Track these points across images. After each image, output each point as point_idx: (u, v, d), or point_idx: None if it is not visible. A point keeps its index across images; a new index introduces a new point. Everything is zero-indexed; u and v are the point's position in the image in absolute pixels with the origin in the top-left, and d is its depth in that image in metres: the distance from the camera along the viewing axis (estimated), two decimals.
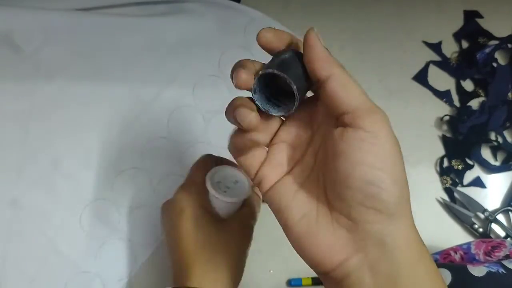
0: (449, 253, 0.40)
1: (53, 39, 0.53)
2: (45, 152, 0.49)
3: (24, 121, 0.50)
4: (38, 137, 0.50)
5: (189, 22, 0.56)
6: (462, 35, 0.58)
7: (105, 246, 0.47)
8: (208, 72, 0.54)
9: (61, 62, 0.53)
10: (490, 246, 0.39)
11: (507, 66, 0.56)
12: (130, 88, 0.53)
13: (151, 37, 0.54)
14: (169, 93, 0.53)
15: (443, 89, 0.56)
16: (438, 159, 0.53)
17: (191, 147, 0.51)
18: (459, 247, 0.40)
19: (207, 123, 0.52)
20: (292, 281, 0.47)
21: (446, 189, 0.52)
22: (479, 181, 0.52)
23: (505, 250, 0.38)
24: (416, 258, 0.25)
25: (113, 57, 0.53)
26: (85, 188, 0.49)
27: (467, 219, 0.50)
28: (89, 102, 0.52)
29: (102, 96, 0.52)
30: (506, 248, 0.38)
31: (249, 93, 0.26)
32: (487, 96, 0.55)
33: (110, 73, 0.53)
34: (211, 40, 0.55)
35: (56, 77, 0.52)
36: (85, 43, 0.53)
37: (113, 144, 0.50)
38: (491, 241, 0.40)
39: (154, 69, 0.54)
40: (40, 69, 0.52)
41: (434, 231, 0.50)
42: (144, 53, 0.54)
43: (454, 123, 0.53)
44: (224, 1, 0.57)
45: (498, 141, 0.53)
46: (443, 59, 0.57)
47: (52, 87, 0.52)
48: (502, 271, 0.36)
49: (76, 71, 0.53)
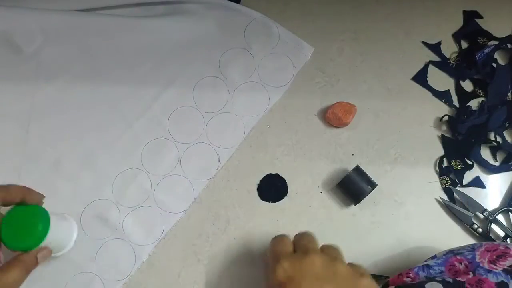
0: (454, 264, 0.40)
1: (53, 40, 0.53)
2: (46, 152, 0.49)
3: (25, 122, 0.50)
4: (39, 138, 0.50)
5: (189, 23, 0.56)
6: (462, 35, 0.58)
7: (105, 246, 0.47)
8: (208, 73, 0.54)
9: (62, 63, 0.53)
10: (494, 256, 0.39)
11: (507, 66, 0.56)
12: (130, 89, 0.53)
13: (151, 38, 0.55)
14: (169, 94, 0.53)
15: (443, 89, 0.56)
16: (437, 159, 0.53)
17: (191, 147, 0.52)
18: (463, 257, 0.40)
19: (207, 123, 0.53)
20: None
21: (446, 189, 0.52)
22: (478, 181, 0.52)
23: (511, 260, 0.38)
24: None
25: (113, 57, 0.54)
26: (85, 188, 0.49)
27: (466, 219, 0.50)
28: (89, 102, 0.52)
29: (102, 97, 0.52)
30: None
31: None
32: (487, 96, 0.55)
33: (109, 73, 0.53)
34: (211, 41, 0.56)
35: (56, 78, 0.52)
36: (85, 43, 0.54)
37: (113, 144, 0.51)
38: (496, 249, 0.39)
39: (154, 69, 0.54)
40: (40, 70, 0.52)
41: (434, 231, 0.50)
42: (144, 54, 0.54)
43: (453, 123, 0.54)
44: (224, 2, 0.57)
45: (498, 141, 0.53)
46: (443, 59, 0.57)
47: (52, 88, 0.52)
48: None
49: (76, 72, 0.53)
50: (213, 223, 0.50)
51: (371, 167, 0.51)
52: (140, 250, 0.48)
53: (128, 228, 0.48)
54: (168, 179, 0.50)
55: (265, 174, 0.52)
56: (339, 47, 0.57)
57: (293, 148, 0.53)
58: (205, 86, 0.54)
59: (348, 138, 0.53)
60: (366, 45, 0.58)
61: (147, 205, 0.49)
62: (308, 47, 0.57)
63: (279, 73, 0.55)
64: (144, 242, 0.48)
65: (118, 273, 0.47)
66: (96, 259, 0.47)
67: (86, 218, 0.48)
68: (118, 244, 0.48)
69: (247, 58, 0.55)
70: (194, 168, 0.51)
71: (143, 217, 0.49)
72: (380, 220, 0.50)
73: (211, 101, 0.53)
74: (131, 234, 0.48)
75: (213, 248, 0.49)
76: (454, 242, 0.45)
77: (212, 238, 0.49)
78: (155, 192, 0.50)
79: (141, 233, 0.48)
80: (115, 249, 0.48)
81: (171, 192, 0.50)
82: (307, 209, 0.50)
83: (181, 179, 0.50)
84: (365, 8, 0.60)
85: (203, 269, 0.48)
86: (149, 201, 0.49)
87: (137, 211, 0.49)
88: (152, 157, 0.51)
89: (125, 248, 0.48)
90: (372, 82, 0.56)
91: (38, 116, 0.51)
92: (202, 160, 0.51)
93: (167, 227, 0.49)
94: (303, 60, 0.56)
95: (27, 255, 0.39)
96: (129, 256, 0.48)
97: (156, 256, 0.48)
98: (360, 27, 0.59)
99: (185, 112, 0.53)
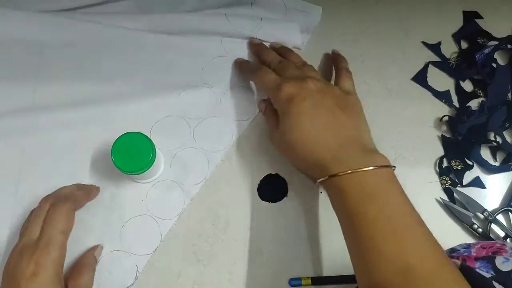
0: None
1: (53, 40, 0.53)
2: (46, 152, 0.49)
3: (25, 122, 0.50)
4: (39, 138, 0.50)
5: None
6: (462, 35, 0.58)
7: (103, 258, 0.47)
8: (193, 79, 0.54)
9: (61, 63, 0.53)
10: (490, 252, 0.39)
11: (507, 67, 0.56)
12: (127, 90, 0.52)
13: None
14: (156, 99, 0.52)
15: (443, 90, 0.56)
16: (437, 159, 0.53)
17: (180, 151, 0.51)
18: (460, 254, 0.40)
19: (193, 128, 0.52)
20: (292, 281, 0.47)
21: (446, 189, 0.52)
22: (478, 181, 0.52)
23: (505, 255, 0.38)
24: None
25: (101, 58, 0.53)
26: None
27: (466, 219, 0.50)
28: (83, 103, 0.52)
29: (94, 97, 0.52)
30: (507, 253, 0.38)
31: None
32: (487, 97, 0.55)
33: (97, 73, 0.53)
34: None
35: (56, 78, 0.52)
36: (85, 44, 0.54)
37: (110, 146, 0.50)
38: (492, 246, 0.40)
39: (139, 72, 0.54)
40: (40, 70, 0.52)
41: (434, 232, 0.50)
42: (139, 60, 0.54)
43: (453, 123, 0.54)
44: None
45: (498, 142, 0.53)
46: (443, 59, 0.57)
47: (53, 88, 0.52)
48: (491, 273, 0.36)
49: (76, 73, 0.53)
50: (213, 223, 0.50)
51: None
52: (139, 259, 0.47)
53: (125, 238, 0.47)
54: (160, 184, 0.50)
55: (265, 174, 0.52)
56: (339, 47, 0.57)
57: None
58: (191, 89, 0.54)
59: None
60: (366, 45, 0.58)
61: (141, 214, 0.49)
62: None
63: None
64: (142, 252, 0.48)
65: (119, 285, 0.47)
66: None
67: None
68: (117, 256, 0.47)
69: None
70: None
71: (138, 226, 0.48)
72: None
73: (197, 107, 0.53)
74: (129, 245, 0.47)
75: (213, 248, 0.49)
76: (454, 242, 0.45)
77: (212, 238, 0.49)
78: (147, 200, 0.49)
79: (137, 243, 0.48)
80: (114, 260, 0.47)
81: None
82: (307, 209, 0.50)
83: (173, 184, 0.50)
84: (365, 8, 0.60)
85: (203, 269, 0.48)
86: (141, 211, 0.49)
87: (131, 221, 0.48)
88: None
89: (125, 258, 0.47)
90: (372, 82, 0.56)
91: (39, 116, 0.50)
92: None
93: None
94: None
95: (88, 257, 0.44)
96: (130, 267, 0.47)
97: (156, 256, 0.48)
98: (360, 27, 0.59)
99: (170, 120, 0.52)
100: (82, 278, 0.41)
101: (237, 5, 0.57)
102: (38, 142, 0.49)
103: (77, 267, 0.43)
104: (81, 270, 0.42)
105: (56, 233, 0.38)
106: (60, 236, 0.38)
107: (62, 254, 0.38)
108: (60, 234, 0.38)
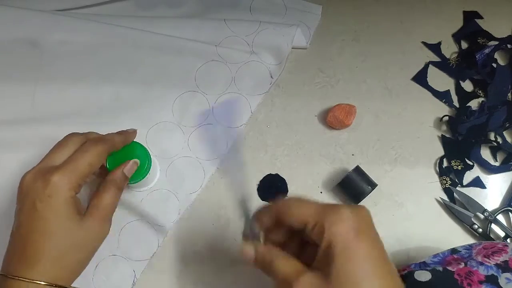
0: (451, 262, 0.40)
1: (53, 40, 0.53)
2: (42, 154, 0.49)
3: (25, 122, 0.50)
4: (36, 140, 0.50)
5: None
6: (462, 35, 0.58)
7: (102, 263, 0.47)
8: (186, 82, 0.54)
9: (61, 63, 0.53)
10: (490, 252, 0.39)
11: (507, 67, 0.56)
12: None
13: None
14: (150, 105, 0.53)
15: (443, 90, 0.56)
16: (437, 159, 0.53)
17: (176, 160, 0.51)
18: (460, 256, 0.40)
19: (187, 136, 0.52)
20: None
21: (446, 189, 0.52)
22: (478, 181, 0.52)
23: (505, 256, 0.38)
24: None
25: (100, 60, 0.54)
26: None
27: (466, 219, 0.50)
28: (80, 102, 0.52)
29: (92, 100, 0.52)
30: (507, 254, 0.38)
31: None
32: (487, 97, 0.55)
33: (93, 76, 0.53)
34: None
35: (56, 78, 0.52)
36: (84, 45, 0.54)
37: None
38: (493, 246, 0.39)
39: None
40: (41, 70, 0.52)
41: (434, 232, 0.50)
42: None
43: (453, 123, 0.54)
44: None
45: (498, 142, 0.53)
46: (443, 59, 0.57)
47: (53, 88, 0.52)
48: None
49: (74, 74, 0.53)
50: (213, 223, 0.50)
51: (371, 167, 0.51)
52: (137, 265, 0.47)
53: (123, 244, 0.48)
54: (155, 192, 0.50)
55: (265, 174, 0.52)
56: (339, 47, 0.57)
57: (293, 148, 0.53)
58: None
59: (348, 139, 0.53)
60: (366, 45, 0.58)
61: (138, 219, 0.49)
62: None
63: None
64: (139, 258, 0.48)
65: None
66: (95, 276, 0.47)
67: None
68: (114, 260, 0.47)
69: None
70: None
71: (134, 231, 0.48)
72: (380, 220, 0.50)
73: (191, 116, 0.53)
74: (127, 249, 0.48)
75: (213, 248, 0.49)
76: (454, 242, 0.45)
77: (212, 238, 0.49)
78: (142, 205, 0.49)
79: (135, 248, 0.48)
80: (111, 265, 0.47)
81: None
82: None
83: (169, 194, 0.50)
84: (365, 8, 0.60)
85: (203, 269, 0.48)
86: (137, 216, 0.49)
87: (128, 226, 0.48)
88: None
89: (122, 263, 0.47)
90: (372, 82, 0.56)
91: (39, 116, 0.50)
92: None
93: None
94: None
95: (115, 173, 0.39)
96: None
97: (156, 256, 0.48)
98: (360, 27, 0.59)
99: (166, 126, 0.52)
100: (103, 197, 0.37)
101: (236, 6, 0.57)
102: (34, 146, 0.49)
103: (101, 186, 0.38)
104: (104, 188, 0.38)
105: (84, 162, 0.36)
106: (87, 167, 0.36)
107: (81, 183, 0.36)
108: (87, 165, 0.36)
